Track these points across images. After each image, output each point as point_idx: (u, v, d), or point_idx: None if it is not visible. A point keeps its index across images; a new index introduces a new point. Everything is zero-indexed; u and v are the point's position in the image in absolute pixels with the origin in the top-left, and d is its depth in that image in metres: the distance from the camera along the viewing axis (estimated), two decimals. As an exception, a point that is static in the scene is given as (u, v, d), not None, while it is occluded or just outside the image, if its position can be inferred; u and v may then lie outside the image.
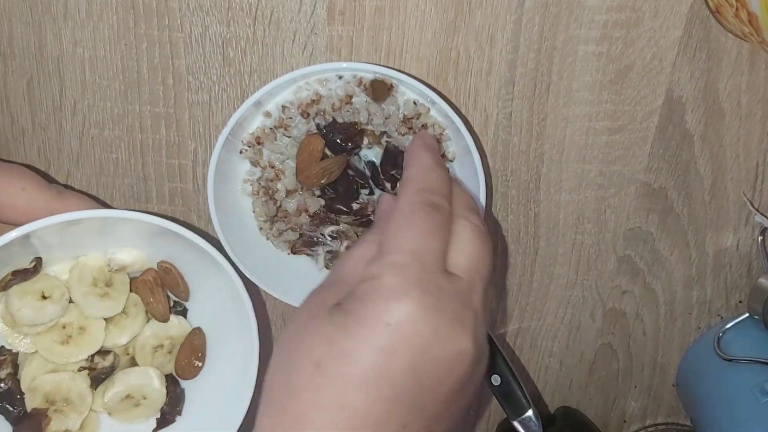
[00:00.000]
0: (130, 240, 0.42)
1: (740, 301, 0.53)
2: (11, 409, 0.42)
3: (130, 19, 0.45)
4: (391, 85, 0.43)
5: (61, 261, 0.42)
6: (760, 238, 0.50)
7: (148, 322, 0.44)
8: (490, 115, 0.47)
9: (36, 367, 0.42)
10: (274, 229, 0.47)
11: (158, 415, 0.45)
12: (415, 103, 0.44)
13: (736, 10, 0.41)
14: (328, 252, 0.48)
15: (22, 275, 0.40)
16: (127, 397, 0.43)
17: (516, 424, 0.44)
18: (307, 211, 0.46)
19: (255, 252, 0.47)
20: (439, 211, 0.35)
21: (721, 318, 0.53)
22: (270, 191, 0.46)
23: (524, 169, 0.49)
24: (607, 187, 0.49)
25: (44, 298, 0.41)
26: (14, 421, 0.42)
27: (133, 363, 0.45)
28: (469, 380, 0.33)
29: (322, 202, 0.46)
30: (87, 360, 0.43)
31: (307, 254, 0.48)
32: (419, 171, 0.37)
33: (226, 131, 0.42)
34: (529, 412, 0.43)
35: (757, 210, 0.50)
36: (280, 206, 0.46)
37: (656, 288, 0.53)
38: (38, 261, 0.40)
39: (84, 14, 0.45)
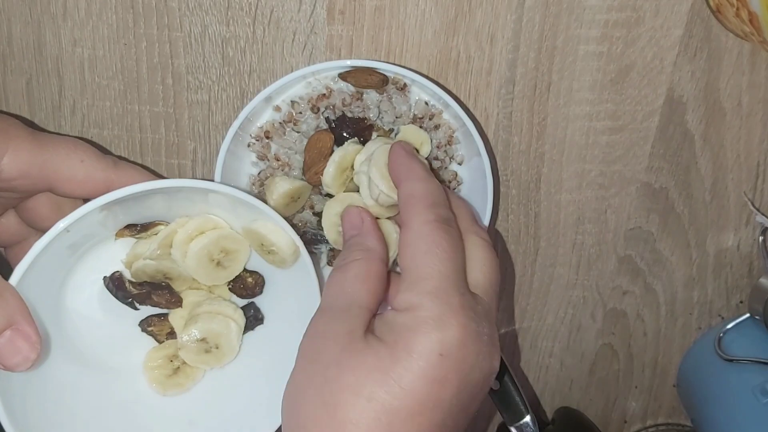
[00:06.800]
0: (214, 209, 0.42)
1: (741, 302, 0.53)
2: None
3: (129, 18, 0.45)
4: (405, 84, 0.43)
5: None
6: (760, 238, 0.50)
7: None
8: (491, 114, 0.47)
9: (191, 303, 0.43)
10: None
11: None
12: (426, 103, 0.44)
13: (737, 9, 0.41)
14: (331, 250, 0.47)
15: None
16: (202, 340, 0.43)
17: (513, 430, 0.44)
18: (312, 208, 0.46)
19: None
20: (453, 226, 0.35)
21: (722, 318, 0.53)
22: None
23: (524, 169, 0.49)
24: (608, 187, 0.49)
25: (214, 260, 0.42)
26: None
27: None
28: (487, 391, 0.35)
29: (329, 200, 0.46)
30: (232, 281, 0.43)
31: (311, 252, 0.48)
32: (421, 185, 0.36)
33: (236, 124, 0.42)
34: (527, 419, 0.43)
35: (758, 210, 0.50)
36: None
37: (657, 288, 0.53)
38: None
39: (83, 14, 0.45)
